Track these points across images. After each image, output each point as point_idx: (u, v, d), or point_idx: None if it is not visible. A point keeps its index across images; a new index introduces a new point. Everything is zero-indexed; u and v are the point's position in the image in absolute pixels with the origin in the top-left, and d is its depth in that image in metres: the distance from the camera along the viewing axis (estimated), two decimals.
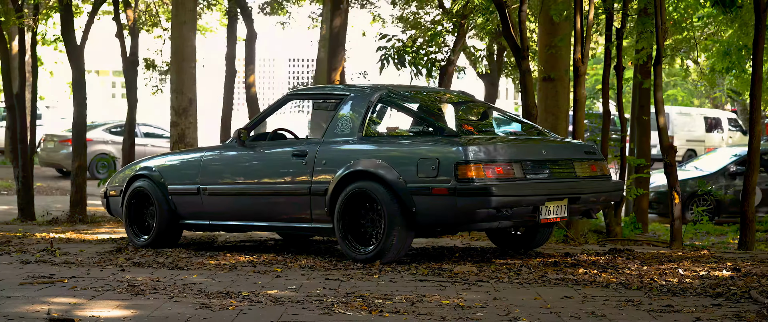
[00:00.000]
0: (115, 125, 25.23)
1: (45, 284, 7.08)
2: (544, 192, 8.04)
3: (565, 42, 15.62)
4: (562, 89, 14.57)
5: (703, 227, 16.58)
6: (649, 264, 7.95)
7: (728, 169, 19.62)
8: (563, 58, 15.01)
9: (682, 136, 32.57)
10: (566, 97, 14.42)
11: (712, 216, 18.51)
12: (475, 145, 7.88)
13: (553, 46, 15.32)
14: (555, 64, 16.23)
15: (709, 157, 21.46)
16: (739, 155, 19.67)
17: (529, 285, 6.88)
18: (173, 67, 14.49)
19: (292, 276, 7.47)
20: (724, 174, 19.61)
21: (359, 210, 8.31)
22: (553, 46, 15.26)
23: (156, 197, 9.63)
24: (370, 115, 8.59)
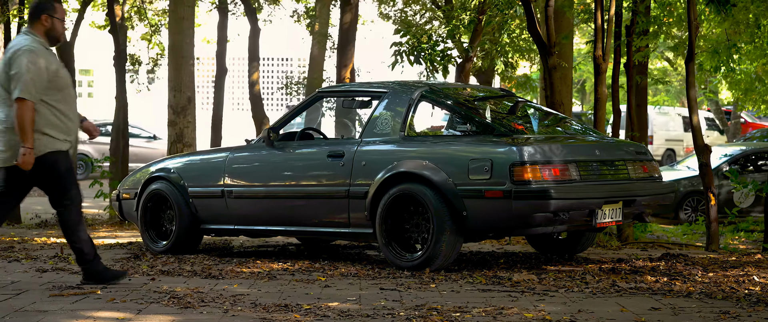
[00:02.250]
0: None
1: (77, 296, 6.55)
2: (602, 195, 7.61)
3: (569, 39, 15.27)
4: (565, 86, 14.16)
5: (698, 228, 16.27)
6: (713, 271, 7.55)
7: (721, 168, 19.33)
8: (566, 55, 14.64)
9: (661, 135, 32.36)
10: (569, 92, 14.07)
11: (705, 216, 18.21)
12: (531, 146, 7.44)
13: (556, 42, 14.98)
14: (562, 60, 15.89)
15: None
16: (730, 155, 19.40)
17: (604, 295, 6.44)
18: (171, 64, 13.95)
19: (340, 285, 6.98)
20: (716, 174, 19.31)
21: (403, 214, 7.85)
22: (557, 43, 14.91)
23: (175, 200, 9.10)
24: (412, 113, 8.12)
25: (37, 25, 6.96)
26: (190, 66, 14.00)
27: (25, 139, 6.77)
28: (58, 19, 7.02)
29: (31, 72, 6.78)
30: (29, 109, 6.77)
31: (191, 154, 9.69)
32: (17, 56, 6.82)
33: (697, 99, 10.48)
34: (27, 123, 6.76)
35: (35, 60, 6.81)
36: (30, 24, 7.00)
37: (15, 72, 6.78)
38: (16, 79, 6.77)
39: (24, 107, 6.74)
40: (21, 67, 6.77)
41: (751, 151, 19.46)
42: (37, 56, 6.83)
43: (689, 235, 14.26)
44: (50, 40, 7.03)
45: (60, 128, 6.91)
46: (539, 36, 10.60)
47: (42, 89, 6.82)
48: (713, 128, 34.95)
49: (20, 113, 6.75)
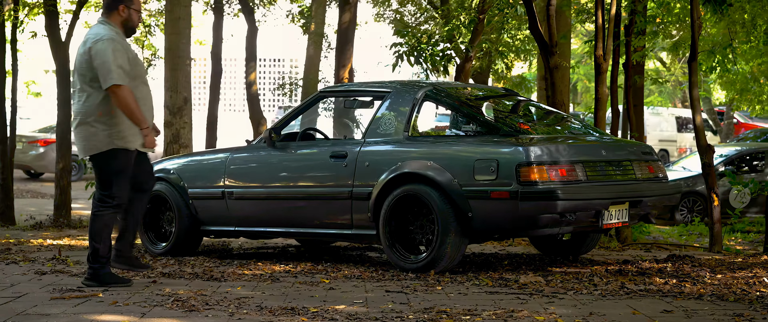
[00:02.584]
0: None
1: (79, 299, 6.44)
2: (609, 195, 7.53)
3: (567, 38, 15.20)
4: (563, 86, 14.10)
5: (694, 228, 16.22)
6: (720, 272, 7.47)
7: (717, 169, 19.28)
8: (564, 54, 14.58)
9: (654, 136, 32.31)
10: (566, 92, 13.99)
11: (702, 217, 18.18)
12: (538, 146, 7.35)
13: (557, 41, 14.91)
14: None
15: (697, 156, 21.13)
16: (726, 155, 19.35)
17: (614, 298, 6.35)
18: (167, 64, 13.80)
19: (345, 288, 6.89)
20: None
21: (407, 216, 7.75)
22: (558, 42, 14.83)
23: (175, 201, 8.99)
24: (416, 113, 8.02)
25: (114, 16, 6.99)
26: (187, 66, 13.85)
27: (139, 121, 6.85)
28: (135, 10, 7.08)
29: (118, 59, 6.82)
30: (127, 92, 6.81)
31: (191, 154, 9.59)
32: (99, 46, 6.85)
33: (699, 99, 10.40)
34: (133, 106, 6.81)
35: (118, 47, 6.85)
36: (106, 14, 7.03)
37: (100, 62, 6.81)
38: (102, 68, 6.80)
39: (122, 92, 6.78)
40: (106, 55, 6.80)
41: (747, 151, 19.42)
42: (119, 44, 6.88)
43: (686, 235, 14.21)
44: (126, 30, 7.09)
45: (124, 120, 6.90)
46: (541, 35, 10.53)
47: (127, 77, 6.86)
48: (706, 129, 34.93)
49: (122, 100, 6.79)
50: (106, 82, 6.78)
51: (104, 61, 6.79)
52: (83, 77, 6.94)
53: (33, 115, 29.93)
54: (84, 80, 6.94)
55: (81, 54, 6.96)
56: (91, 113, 6.93)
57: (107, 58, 6.79)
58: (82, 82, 6.95)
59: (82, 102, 6.96)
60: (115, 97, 6.80)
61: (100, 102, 6.90)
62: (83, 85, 6.94)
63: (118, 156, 6.95)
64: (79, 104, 6.99)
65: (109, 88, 6.78)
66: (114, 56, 6.81)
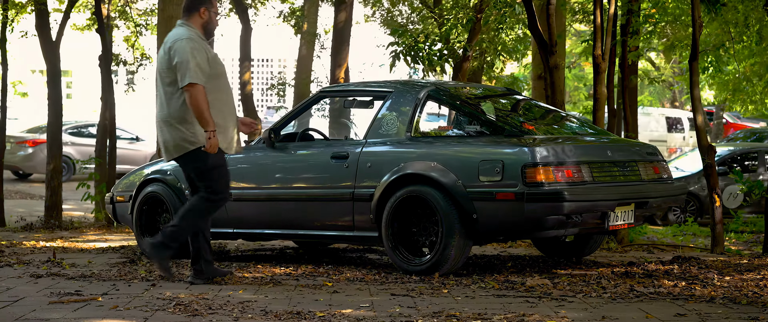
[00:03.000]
0: (74, 126, 24.25)
1: (78, 303, 6.30)
2: (615, 197, 7.43)
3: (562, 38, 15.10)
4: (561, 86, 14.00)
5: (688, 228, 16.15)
6: (728, 274, 7.38)
7: None
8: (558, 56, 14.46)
9: (644, 136, 32.22)
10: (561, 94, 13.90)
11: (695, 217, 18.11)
12: (543, 146, 7.24)
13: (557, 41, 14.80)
14: None
15: (689, 157, 21.08)
16: (719, 155, 19.27)
17: (624, 301, 6.25)
18: None
19: (349, 291, 6.76)
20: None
21: (410, 217, 7.63)
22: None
23: (172, 202, 8.85)
24: (419, 113, 7.91)
25: (195, 18, 7.07)
26: None
27: (206, 123, 6.84)
28: (214, 13, 7.15)
29: (197, 58, 6.84)
30: (201, 92, 6.82)
31: None
32: (178, 45, 6.88)
33: (700, 98, 10.31)
34: (203, 107, 6.81)
35: (197, 47, 6.88)
36: (186, 16, 7.09)
37: (179, 61, 6.83)
38: (181, 67, 6.82)
39: (196, 92, 6.79)
40: (184, 54, 6.83)
41: (740, 151, 19.37)
42: (198, 44, 6.91)
43: (679, 235, 14.14)
44: (206, 33, 7.13)
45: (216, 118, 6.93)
46: (540, 34, 10.42)
47: (205, 77, 6.88)
48: None
49: (194, 99, 6.80)
50: (182, 80, 6.82)
51: (183, 60, 6.83)
52: (164, 79, 6.98)
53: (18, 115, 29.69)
54: (165, 83, 6.98)
55: (161, 56, 7.01)
56: (176, 115, 6.95)
57: (186, 56, 6.83)
58: (164, 85, 6.99)
59: (166, 104, 6.99)
60: (188, 95, 6.82)
61: (183, 103, 6.94)
62: (165, 87, 6.99)
63: (208, 155, 6.98)
64: (163, 107, 7.02)
65: (184, 87, 6.81)
66: (192, 55, 6.84)
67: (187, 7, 7.11)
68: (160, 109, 7.06)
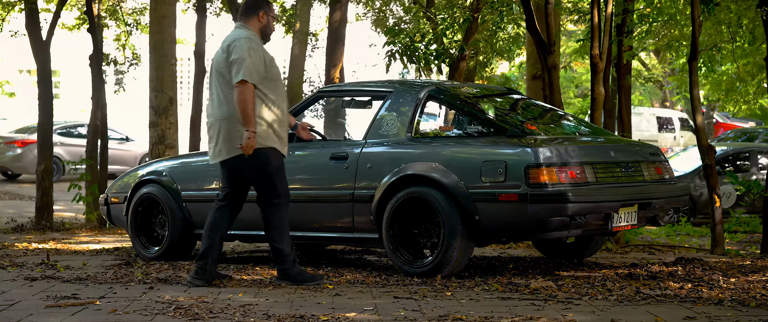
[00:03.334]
0: (63, 126, 24.09)
1: (76, 307, 6.18)
2: (619, 198, 7.34)
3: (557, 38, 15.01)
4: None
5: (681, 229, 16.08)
6: (733, 276, 7.29)
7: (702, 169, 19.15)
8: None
9: (635, 136, 32.18)
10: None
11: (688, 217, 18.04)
12: (547, 147, 7.15)
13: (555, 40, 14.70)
14: None
15: (682, 157, 21.04)
16: None
17: (631, 304, 6.15)
18: (152, 64, 13.58)
19: (351, 294, 6.66)
20: (698, 175, 19.16)
21: (411, 219, 7.53)
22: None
23: (168, 204, 8.73)
24: (419, 113, 7.80)
25: (253, 21, 7.09)
26: (172, 65, 13.64)
27: (248, 122, 6.81)
28: (273, 17, 7.18)
29: (253, 57, 6.85)
30: (250, 91, 6.81)
31: (184, 156, 9.32)
32: (237, 43, 6.89)
33: (700, 98, 10.23)
34: (249, 106, 6.80)
35: (254, 47, 6.90)
36: (244, 19, 7.11)
37: (235, 57, 6.84)
38: (236, 63, 6.83)
39: (245, 90, 6.79)
40: (241, 52, 6.84)
41: (733, 151, 19.31)
42: (256, 45, 6.94)
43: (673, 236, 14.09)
44: (263, 36, 7.16)
45: (273, 120, 6.96)
46: (539, 34, 10.34)
47: (259, 78, 6.88)
48: (687, 128, 34.90)
49: (242, 96, 6.79)
50: (236, 76, 6.81)
51: (239, 57, 6.84)
52: (222, 78, 6.95)
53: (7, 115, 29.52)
54: (224, 81, 6.94)
55: (219, 55, 7.00)
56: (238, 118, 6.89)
57: (243, 54, 6.84)
58: (222, 84, 6.96)
59: (225, 103, 6.95)
60: (237, 91, 6.80)
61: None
62: (223, 87, 6.95)
63: (270, 154, 6.99)
64: (221, 107, 6.97)
65: (236, 83, 6.80)
66: (249, 54, 6.86)
67: (245, 10, 7.13)
68: (218, 108, 7.00)
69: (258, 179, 7.08)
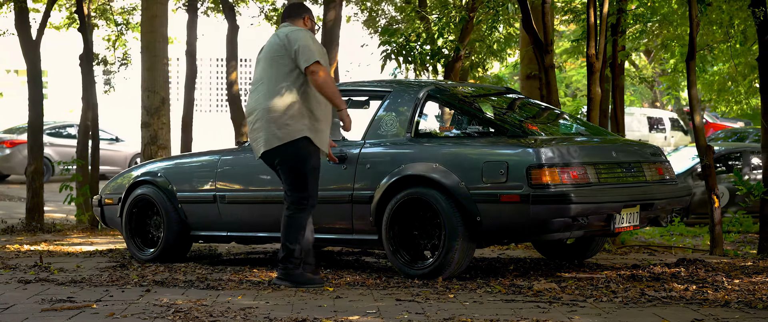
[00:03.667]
0: (52, 127, 23.92)
1: (72, 311, 6.07)
2: (621, 198, 7.26)
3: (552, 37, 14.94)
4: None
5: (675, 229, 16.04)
6: (737, 277, 7.22)
7: (695, 169, 19.12)
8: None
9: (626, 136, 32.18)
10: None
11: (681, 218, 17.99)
12: (549, 147, 7.06)
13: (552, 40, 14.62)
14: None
15: (674, 157, 20.99)
16: None
17: (637, 306, 6.07)
18: (144, 64, 13.45)
19: (352, 296, 6.56)
20: (690, 175, 19.11)
21: (411, 220, 7.43)
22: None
23: (163, 205, 8.63)
24: (419, 113, 7.71)
25: (299, 23, 7.16)
26: (164, 65, 13.52)
27: (339, 102, 6.87)
28: (313, 23, 7.27)
29: (317, 45, 6.94)
30: (326, 71, 6.88)
31: (179, 157, 9.21)
32: (296, 34, 6.93)
33: (698, 98, 10.16)
34: (333, 86, 6.88)
35: (315, 38, 6.99)
36: (291, 20, 7.17)
37: (301, 45, 6.87)
38: (305, 51, 6.86)
39: (323, 71, 6.84)
40: (306, 40, 6.90)
41: (724, 151, 19.27)
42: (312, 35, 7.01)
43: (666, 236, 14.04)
44: None
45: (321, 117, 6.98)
46: (536, 33, 10.27)
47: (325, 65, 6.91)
48: (677, 128, 34.92)
49: (321, 78, 6.83)
50: (308, 60, 6.82)
51: (306, 44, 6.88)
52: (278, 66, 6.93)
53: None
54: (279, 70, 6.93)
55: (275, 43, 6.99)
56: (285, 107, 6.90)
57: (308, 42, 6.89)
58: (276, 73, 6.93)
59: (273, 94, 6.92)
60: (315, 77, 6.82)
61: (295, 93, 6.91)
62: (277, 76, 6.93)
63: (312, 151, 6.98)
64: (266, 98, 6.93)
65: (309, 68, 6.81)
66: (313, 41, 6.93)
67: (291, 13, 7.20)
68: (263, 100, 6.96)
69: (293, 172, 7.01)
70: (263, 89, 7.00)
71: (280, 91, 6.92)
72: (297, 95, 6.92)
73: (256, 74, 7.10)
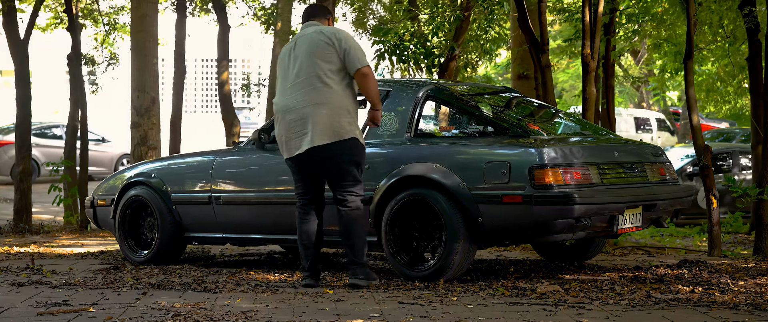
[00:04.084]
0: (38, 127, 23.72)
1: (69, 314, 5.95)
2: (624, 199, 7.17)
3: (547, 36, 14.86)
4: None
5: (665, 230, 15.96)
6: (741, 279, 7.14)
7: (684, 169, 19.09)
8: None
9: None
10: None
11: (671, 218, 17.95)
12: (551, 147, 6.97)
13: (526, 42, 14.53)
14: (530, 61, 15.44)
15: None
16: (692, 156, 19.14)
17: (644, 308, 5.97)
18: (134, 63, 13.31)
19: (353, 299, 6.45)
20: (680, 175, 19.08)
21: (411, 221, 7.33)
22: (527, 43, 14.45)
23: (157, 206, 8.50)
24: (418, 113, 7.60)
25: (324, 22, 7.21)
26: (154, 65, 13.38)
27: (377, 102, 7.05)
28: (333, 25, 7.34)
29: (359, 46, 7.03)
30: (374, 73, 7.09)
31: (174, 157, 9.09)
32: (343, 34, 7.00)
33: (696, 98, 10.08)
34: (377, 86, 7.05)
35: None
36: (318, 19, 7.19)
37: (351, 46, 6.94)
38: (355, 52, 6.93)
39: (372, 74, 6.97)
40: (353, 42, 6.97)
41: (715, 151, 19.24)
42: None
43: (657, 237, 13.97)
44: None
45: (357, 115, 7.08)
46: (532, 33, 10.17)
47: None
48: (664, 129, 34.93)
49: (371, 80, 6.95)
50: (361, 61, 6.89)
51: (356, 46, 6.96)
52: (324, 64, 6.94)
53: None
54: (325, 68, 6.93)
55: (318, 41, 6.97)
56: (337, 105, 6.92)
57: (357, 43, 6.96)
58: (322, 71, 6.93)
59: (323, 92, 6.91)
60: (365, 79, 6.90)
61: (342, 92, 6.94)
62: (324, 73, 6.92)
63: (363, 148, 7.02)
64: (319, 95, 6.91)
65: (362, 70, 6.89)
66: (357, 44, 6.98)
67: (316, 12, 7.23)
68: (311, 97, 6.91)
69: (348, 170, 6.98)
70: (308, 86, 6.94)
71: (329, 88, 6.91)
72: (344, 94, 6.94)
73: (293, 70, 7.01)
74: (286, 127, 7.01)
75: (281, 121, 7.05)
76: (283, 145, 7.07)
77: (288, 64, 7.08)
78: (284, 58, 7.14)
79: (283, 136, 7.05)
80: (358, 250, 6.98)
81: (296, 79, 6.99)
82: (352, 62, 6.89)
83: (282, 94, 7.08)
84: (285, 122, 7.02)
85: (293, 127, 6.97)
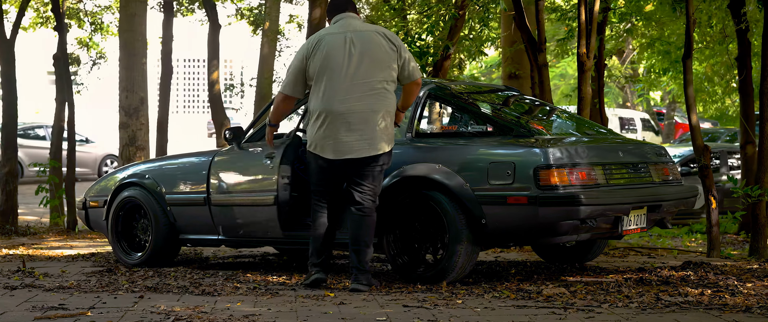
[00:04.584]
0: (21, 128, 23.47)
1: (66, 319, 5.79)
2: (630, 200, 7.06)
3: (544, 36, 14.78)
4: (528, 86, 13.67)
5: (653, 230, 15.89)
6: (748, 280, 7.04)
7: None
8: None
9: None
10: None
11: None
12: (556, 147, 6.85)
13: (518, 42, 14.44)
14: (521, 60, 15.38)
15: None
16: (682, 156, 19.09)
17: (654, 312, 5.86)
18: (122, 63, 13.17)
19: (356, 303, 6.32)
20: None
21: (412, 223, 7.20)
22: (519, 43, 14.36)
23: (151, 208, 8.35)
24: (420, 113, 7.48)
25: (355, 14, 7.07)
26: (142, 65, 13.24)
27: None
28: None
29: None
30: None
31: (168, 157, 8.93)
32: (398, 39, 6.88)
33: (694, 98, 9.99)
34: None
35: None
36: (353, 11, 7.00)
37: (408, 55, 6.89)
38: (411, 61, 6.88)
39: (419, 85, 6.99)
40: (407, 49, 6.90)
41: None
42: None
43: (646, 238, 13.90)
44: None
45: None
46: (529, 32, 10.08)
47: None
48: (648, 129, 34.93)
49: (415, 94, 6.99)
50: (418, 72, 6.89)
51: (410, 55, 6.87)
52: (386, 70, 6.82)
53: None
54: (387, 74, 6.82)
55: (381, 45, 6.82)
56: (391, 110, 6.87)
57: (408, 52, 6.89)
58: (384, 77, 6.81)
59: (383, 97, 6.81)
60: (418, 88, 6.95)
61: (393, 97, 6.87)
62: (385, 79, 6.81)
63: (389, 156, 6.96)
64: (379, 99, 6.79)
65: (417, 81, 6.90)
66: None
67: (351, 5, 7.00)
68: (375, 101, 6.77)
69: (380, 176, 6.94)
70: (368, 90, 6.76)
71: (388, 95, 6.82)
72: (394, 101, 6.89)
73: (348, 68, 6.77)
74: (336, 129, 6.77)
75: (330, 121, 6.78)
76: (327, 146, 6.81)
77: (343, 61, 6.77)
78: (336, 51, 6.78)
79: (330, 136, 6.78)
80: (364, 257, 6.83)
81: (354, 80, 6.75)
82: (412, 72, 6.84)
83: (333, 92, 6.77)
84: (336, 124, 6.76)
85: (347, 130, 6.74)
